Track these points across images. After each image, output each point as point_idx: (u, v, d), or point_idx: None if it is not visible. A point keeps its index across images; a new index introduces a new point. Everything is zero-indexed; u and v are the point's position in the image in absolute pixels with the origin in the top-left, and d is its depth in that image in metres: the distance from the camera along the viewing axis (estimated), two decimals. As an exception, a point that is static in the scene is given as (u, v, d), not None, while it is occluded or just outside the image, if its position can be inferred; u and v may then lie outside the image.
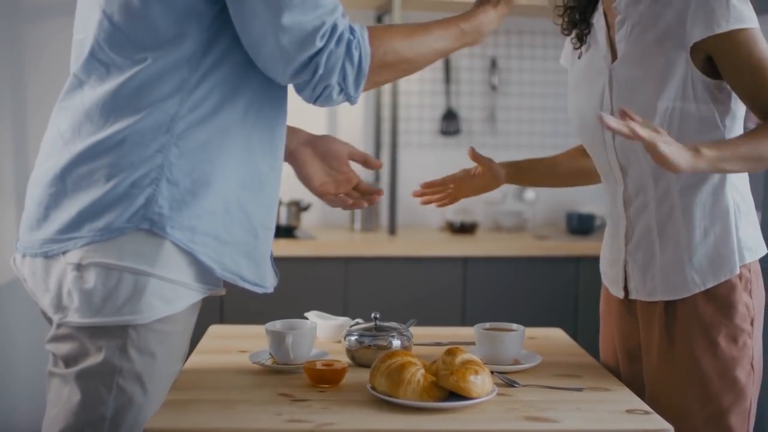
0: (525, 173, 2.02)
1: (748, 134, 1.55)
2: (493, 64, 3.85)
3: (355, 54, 1.43)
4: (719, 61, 1.59)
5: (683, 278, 1.65)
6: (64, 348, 1.41)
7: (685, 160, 1.45)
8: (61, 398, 1.41)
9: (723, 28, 1.55)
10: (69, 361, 1.41)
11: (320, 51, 1.40)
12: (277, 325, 1.75)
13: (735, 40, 1.56)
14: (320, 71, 1.40)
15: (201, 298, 1.50)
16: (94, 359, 1.38)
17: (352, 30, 1.44)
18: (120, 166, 1.39)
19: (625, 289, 1.76)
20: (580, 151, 2.01)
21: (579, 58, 1.81)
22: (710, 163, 1.49)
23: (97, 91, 1.43)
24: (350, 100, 1.48)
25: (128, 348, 1.39)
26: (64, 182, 1.42)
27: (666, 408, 1.61)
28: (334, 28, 1.41)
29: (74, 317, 1.39)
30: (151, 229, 1.39)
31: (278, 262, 1.48)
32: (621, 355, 1.82)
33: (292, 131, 1.72)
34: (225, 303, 3.11)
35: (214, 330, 2.09)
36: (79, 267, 1.39)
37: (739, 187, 1.67)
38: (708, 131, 1.62)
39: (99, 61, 1.44)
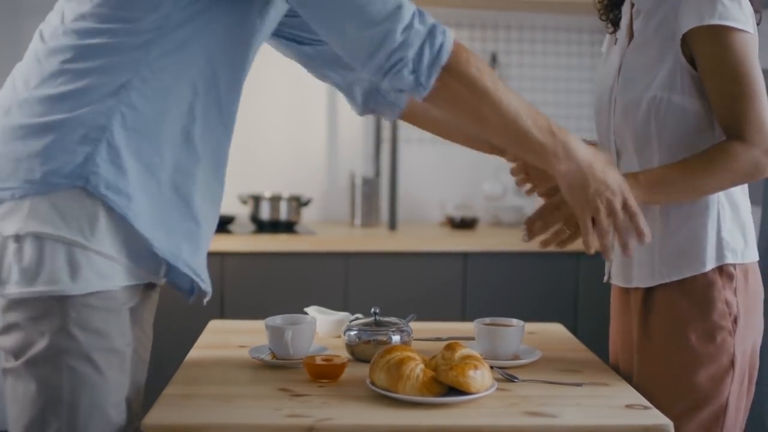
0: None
1: (683, 166, 1.59)
2: (494, 59, 3.84)
3: (438, 39, 1.42)
4: (698, 55, 1.58)
5: (651, 267, 1.67)
6: (10, 340, 1.40)
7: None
8: (18, 392, 1.40)
9: (706, 21, 1.55)
10: (17, 352, 1.40)
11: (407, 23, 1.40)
12: (276, 320, 1.75)
13: (717, 36, 1.55)
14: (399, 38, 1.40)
15: (139, 283, 1.47)
16: (40, 345, 1.38)
17: (436, 23, 1.44)
18: (64, 121, 1.39)
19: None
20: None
21: (615, 43, 1.81)
22: (644, 190, 1.57)
23: (53, 45, 1.44)
24: (419, 87, 1.43)
25: (70, 327, 1.38)
26: (12, 131, 1.42)
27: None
28: (420, 10, 1.42)
29: (12, 289, 1.39)
30: (85, 187, 1.38)
31: (279, 257, 1.47)
32: (621, 350, 1.82)
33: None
34: (225, 298, 3.11)
35: (214, 325, 2.10)
36: (18, 238, 1.38)
37: (730, 190, 1.65)
38: (694, 126, 1.62)
39: (68, 24, 1.44)
